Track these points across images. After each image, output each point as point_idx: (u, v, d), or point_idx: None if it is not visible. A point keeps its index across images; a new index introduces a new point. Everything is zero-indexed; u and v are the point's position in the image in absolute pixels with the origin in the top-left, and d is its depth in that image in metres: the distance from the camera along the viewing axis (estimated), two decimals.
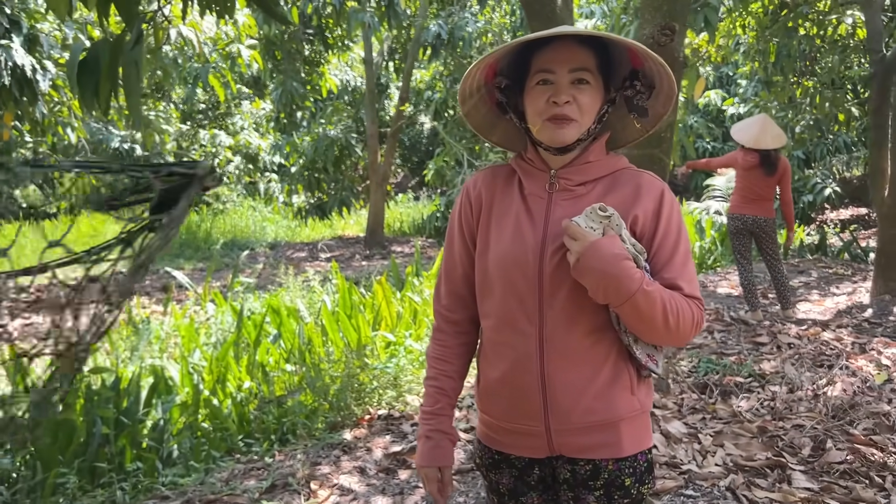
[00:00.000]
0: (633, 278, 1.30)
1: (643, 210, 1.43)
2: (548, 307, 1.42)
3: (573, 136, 1.43)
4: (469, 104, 1.59)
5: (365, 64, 11.67)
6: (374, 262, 10.45)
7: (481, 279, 1.53)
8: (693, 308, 1.39)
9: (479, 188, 1.58)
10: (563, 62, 1.41)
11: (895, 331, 5.40)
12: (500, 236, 1.50)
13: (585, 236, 1.32)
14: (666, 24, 1.86)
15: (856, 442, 3.37)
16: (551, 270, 1.41)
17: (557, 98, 1.41)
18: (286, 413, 4.06)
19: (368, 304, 5.59)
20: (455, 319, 1.62)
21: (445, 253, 1.65)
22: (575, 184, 1.47)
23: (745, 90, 13.88)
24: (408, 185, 22.92)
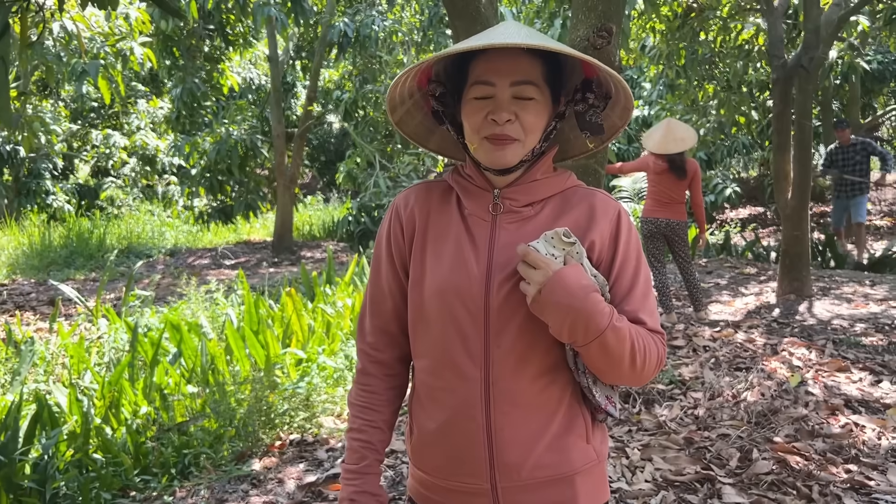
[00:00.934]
0: (603, 313, 1.13)
1: (599, 234, 1.26)
2: (494, 346, 1.23)
3: (515, 157, 1.25)
4: (400, 112, 1.39)
5: (270, 62, 11.20)
6: (283, 268, 10.04)
7: (415, 313, 1.32)
8: (658, 345, 1.24)
9: (412, 207, 1.36)
10: (503, 73, 1.22)
11: (802, 330, 5.53)
12: (438, 263, 1.29)
13: (548, 265, 1.14)
14: (602, 25, 1.71)
15: (779, 450, 3.35)
16: (499, 303, 1.22)
17: (497, 116, 1.22)
18: (188, 442, 3.72)
19: (277, 318, 5.26)
20: (383, 360, 1.40)
21: (371, 282, 1.42)
22: (521, 204, 1.29)
23: (649, 93, 14.22)
24: (317, 187, 22.40)
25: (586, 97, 1.27)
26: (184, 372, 4.63)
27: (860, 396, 4.10)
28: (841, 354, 4.88)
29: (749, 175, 16.12)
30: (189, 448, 3.65)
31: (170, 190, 14.94)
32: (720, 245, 10.13)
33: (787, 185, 6.62)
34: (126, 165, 15.34)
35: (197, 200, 12.79)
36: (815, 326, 5.63)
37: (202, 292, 6.34)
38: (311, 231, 14.97)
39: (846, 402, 4.00)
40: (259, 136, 11.28)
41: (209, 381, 4.32)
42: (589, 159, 2.05)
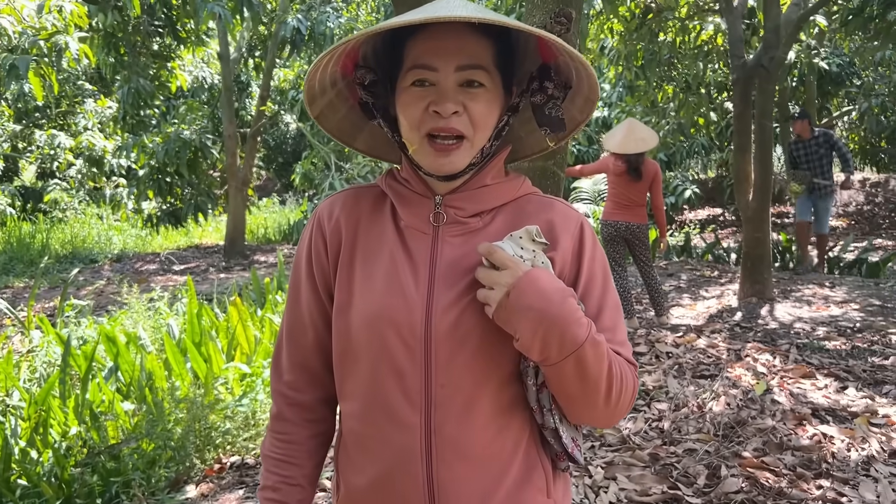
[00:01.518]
0: (580, 322, 0.93)
1: (561, 251, 1.06)
2: (437, 385, 1.01)
3: (463, 162, 1.03)
4: (321, 103, 1.14)
5: (220, 60, 10.84)
6: (235, 273, 9.68)
7: (341, 346, 1.08)
8: (633, 377, 1.04)
9: (337, 217, 1.13)
10: (448, 55, 1.00)
11: (765, 335, 5.44)
12: (369, 286, 1.06)
13: (517, 264, 0.94)
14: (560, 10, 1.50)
15: (748, 466, 3.20)
16: (443, 333, 1.00)
17: (440, 107, 0.99)
18: (119, 467, 3.42)
19: (222, 329, 4.96)
20: (303, 402, 1.16)
21: (288, 309, 1.18)
22: (468, 214, 1.07)
23: (609, 95, 14.18)
24: (274, 188, 21.96)
25: (545, 86, 1.06)
26: (122, 388, 4.32)
27: (827, 405, 3.99)
28: (805, 360, 4.78)
29: (708, 176, 16.21)
30: (119, 474, 3.35)
31: (118, 192, 14.40)
32: (680, 247, 10.08)
33: (747, 187, 6.55)
34: (72, 167, 14.74)
35: (146, 203, 12.32)
36: (778, 330, 5.54)
37: (144, 300, 6.00)
38: (265, 234, 14.58)
39: (813, 412, 3.88)
40: (209, 137, 10.89)
41: (146, 398, 4.02)
42: (547, 160, 1.85)
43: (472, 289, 0.99)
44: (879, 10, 6.59)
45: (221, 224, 13.87)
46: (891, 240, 11.92)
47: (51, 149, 14.45)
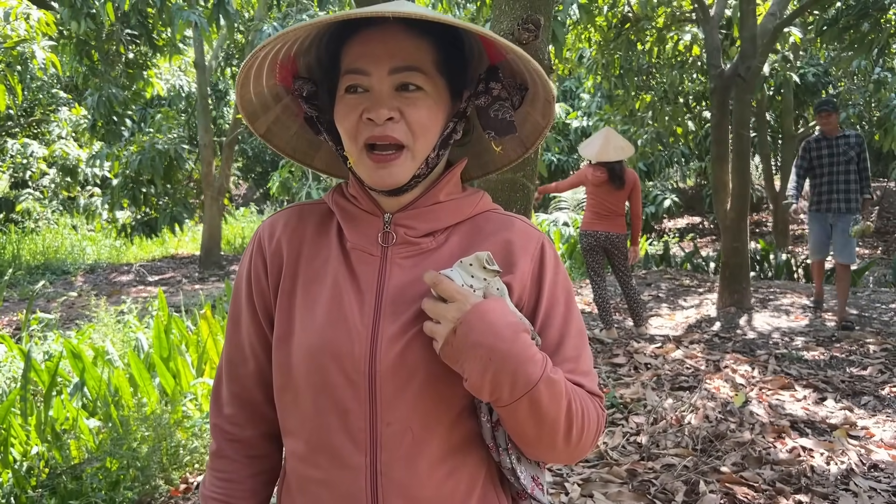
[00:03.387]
0: (535, 360, 0.85)
1: (519, 276, 0.97)
2: (384, 423, 0.92)
3: (404, 174, 0.94)
4: (267, 119, 1.06)
5: (196, 68, 10.71)
6: (210, 284, 9.53)
7: (282, 380, 0.99)
8: (598, 410, 0.95)
9: (279, 238, 1.04)
10: (380, 58, 0.92)
11: (744, 345, 5.41)
12: (310, 315, 0.97)
13: (466, 296, 0.85)
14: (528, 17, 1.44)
15: (727, 482, 3.14)
16: (389, 366, 0.91)
17: (373, 113, 0.91)
18: (81, 488, 3.30)
19: (192, 342, 4.84)
20: (244, 438, 1.07)
21: (228, 337, 1.09)
22: (419, 234, 0.99)
23: (588, 104, 14.20)
24: (253, 198, 21.78)
25: (490, 88, 0.98)
26: (88, 404, 4.20)
27: (806, 417, 3.95)
28: (784, 370, 4.75)
29: (687, 185, 16.29)
30: (80, 496, 3.23)
31: (93, 202, 14.16)
32: (659, 256, 10.07)
33: (726, 196, 6.54)
34: (45, 176, 14.49)
35: (120, 213, 12.13)
36: (757, 340, 5.51)
37: (114, 313, 5.86)
38: (242, 244, 14.42)
39: (792, 424, 3.84)
40: (185, 146, 10.74)
41: (112, 415, 3.90)
42: (516, 172, 1.78)
43: (420, 319, 0.91)
44: (853, 21, 6.63)
45: (198, 234, 13.69)
46: (867, 248, 12.02)
47: (23, 158, 14.19)
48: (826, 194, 5.96)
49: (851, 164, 5.88)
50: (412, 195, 1.00)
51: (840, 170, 5.90)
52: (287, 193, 12.40)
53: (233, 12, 7.36)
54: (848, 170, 5.88)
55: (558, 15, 5.97)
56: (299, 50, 1.01)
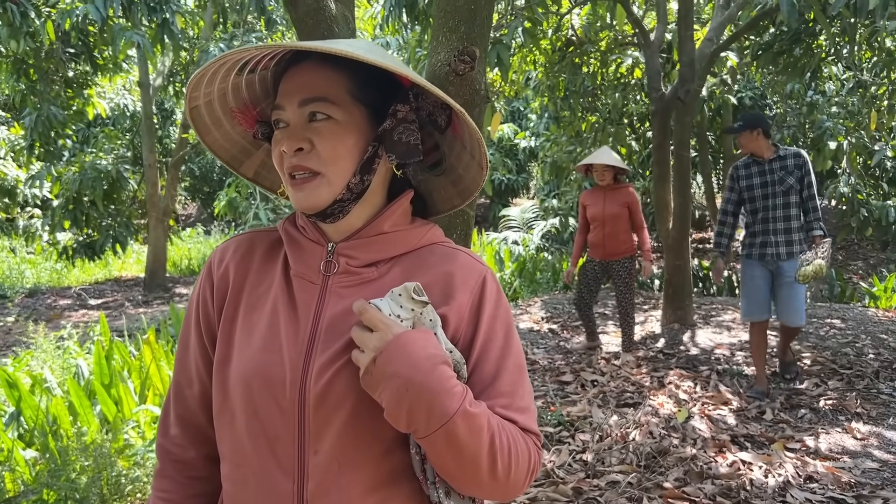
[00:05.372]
0: (452, 393, 0.85)
1: (456, 308, 0.98)
2: (312, 451, 0.93)
3: (321, 197, 0.97)
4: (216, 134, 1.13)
5: (141, 87, 10.54)
6: (154, 308, 9.32)
7: (219, 404, 1.01)
8: (530, 447, 0.96)
9: (227, 264, 1.06)
10: (292, 92, 0.97)
11: (687, 361, 5.54)
12: (248, 340, 0.99)
13: (389, 326, 0.87)
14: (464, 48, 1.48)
15: (669, 497, 3.21)
16: (318, 394, 0.92)
17: (283, 146, 0.96)
18: None
19: (135, 368, 4.74)
20: (187, 459, 1.09)
21: (177, 360, 1.11)
22: (361, 264, 1.01)
23: (535, 124, 14.42)
24: (201, 218, 21.44)
25: (396, 110, 1.00)
26: (25, 435, 4.06)
27: (745, 431, 4.06)
28: (725, 385, 4.87)
29: None
30: None
31: (33, 224, 13.74)
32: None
33: (667, 216, 6.71)
34: None
35: (61, 235, 11.80)
36: (700, 356, 5.65)
37: (53, 339, 5.69)
38: (189, 265, 14.14)
39: (732, 438, 3.94)
40: (128, 166, 10.53)
41: (49, 445, 3.78)
42: None
43: (350, 348, 0.92)
44: (786, 46, 6.90)
45: (142, 256, 13.39)
46: None
47: None
48: (761, 235, 4.53)
49: (792, 193, 4.43)
50: (351, 224, 1.02)
51: (777, 202, 4.46)
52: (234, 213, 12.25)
53: (177, 32, 7.29)
54: (787, 202, 4.43)
55: (504, 38, 6.08)
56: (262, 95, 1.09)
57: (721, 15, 6.75)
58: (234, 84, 1.06)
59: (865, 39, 6.78)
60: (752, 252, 4.60)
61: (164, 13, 6.95)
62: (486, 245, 11.26)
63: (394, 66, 0.91)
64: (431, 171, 1.14)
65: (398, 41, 10.72)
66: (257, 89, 1.10)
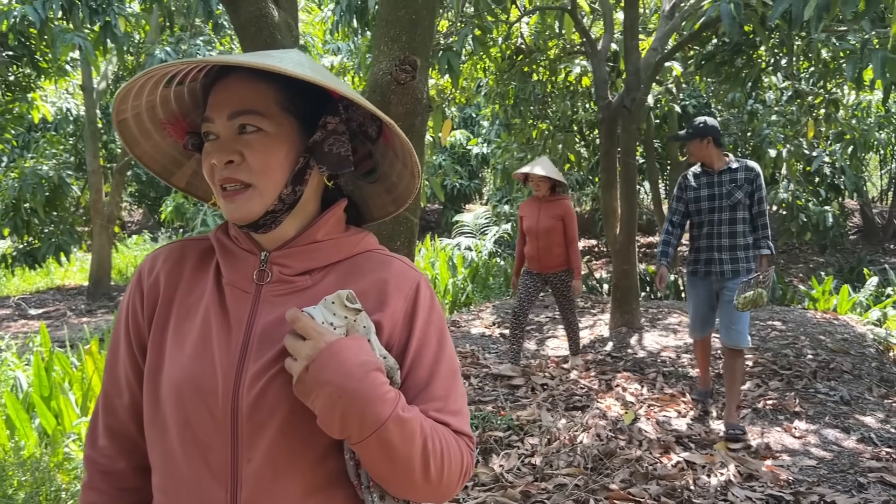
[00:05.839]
0: (384, 399, 0.87)
1: (390, 315, 1.00)
2: (245, 459, 0.93)
3: (253, 208, 0.98)
4: (145, 145, 1.13)
5: (84, 91, 10.29)
6: (98, 317, 9.09)
7: (150, 414, 1.01)
8: (463, 449, 0.98)
9: (157, 273, 1.06)
10: (221, 105, 0.98)
11: (634, 363, 5.64)
12: (179, 349, 0.99)
13: (322, 334, 0.88)
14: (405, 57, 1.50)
15: (615, 498, 3.27)
16: (251, 402, 0.93)
17: (213, 158, 0.97)
18: None
19: (76, 379, 4.62)
20: (117, 471, 1.08)
21: (106, 370, 1.09)
22: (294, 272, 1.02)
23: (487, 131, 14.52)
24: (147, 225, 20.99)
25: (326, 122, 1.01)
26: None
27: (690, 432, 4.16)
28: (671, 387, 4.98)
29: (583, 209, 16.87)
30: None
31: None
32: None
33: (615, 221, 6.83)
34: None
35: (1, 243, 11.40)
36: (646, 359, 5.76)
37: None
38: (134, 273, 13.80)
39: (677, 439, 4.03)
40: (70, 172, 10.25)
41: None
42: None
43: (283, 357, 0.93)
44: (728, 57, 7.10)
45: (86, 264, 13.04)
46: None
47: None
48: (706, 251, 4.30)
49: (739, 208, 4.20)
50: (283, 234, 1.03)
51: (723, 217, 4.22)
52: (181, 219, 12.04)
53: (121, 35, 7.14)
54: (734, 217, 4.20)
55: (454, 45, 6.12)
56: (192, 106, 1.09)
57: (666, 25, 6.91)
58: (163, 96, 1.06)
59: (802, 50, 7.02)
60: (696, 269, 4.37)
61: (106, 15, 6.79)
62: (440, 251, 11.29)
63: (321, 80, 0.91)
64: (365, 178, 1.15)
65: (349, 46, 10.68)
66: (187, 100, 1.09)
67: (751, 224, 4.26)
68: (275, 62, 0.90)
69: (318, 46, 11.19)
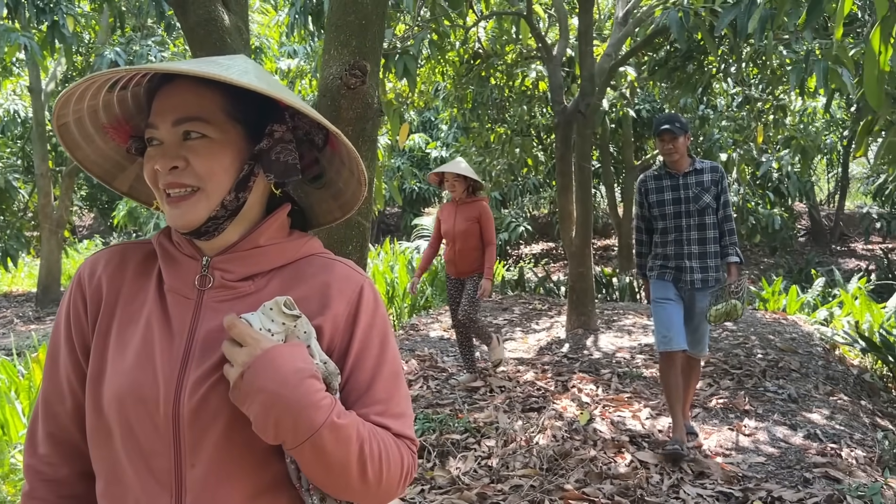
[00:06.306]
0: (318, 406, 0.87)
1: (332, 319, 1.00)
2: (189, 465, 0.94)
3: (198, 214, 0.97)
4: (87, 150, 1.10)
5: (32, 93, 10.03)
6: (46, 324, 8.86)
7: (93, 420, 0.99)
8: (403, 452, 0.99)
9: (99, 277, 1.05)
10: (165, 111, 0.97)
11: (590, 364, 5.71)
12: (121, 356, 0.98)
13: (257, 341, 0.87)
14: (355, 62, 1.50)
15: (570, 498, 3.30)
16: (192, 409, 0.93)
17: (157, 164, 0.96)
18: None
19: (23, 388, 4.50)
20: (59, 478, 1.06)
21: (46, 375, 1.07)
22: (236, 278, 1.01)
23: (446, 134, 14.57)
24: (99, 230, 20.54)
25: (272, 130, 1.01)
26: None
27: (643, 431, 4.22)
28: (625, 388, 5.06)
29: (540, 212, 17.03)
30: None
31: None
32: (515, 281, 10.45)
33: (571, 224, 6.91)
34: None
35: None
36: (602, 360, 5.83)
37: None
38: None
39: (631, 439, 4.09)
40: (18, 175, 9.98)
41: None
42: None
43: (224, 363, 0.93)
44: (680, 63, 7.26)
45: (35, 269, 12.71)
46: None
47: None
48: (674, 260, 3.92)
49: (708, 212, 3.87)
50: (226, 240, 1.02)
51: (692, 223, 3.88)
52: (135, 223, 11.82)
53: (69, 35, 6.98)
54: (703, 222, 3.87)
55: (411, 49, 6.13)
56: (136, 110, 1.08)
57: (619, 31, 7.03)
58: (106, 101, 1.05)
59: (751, 57, 7.20)
60: (665, 272, 3.94)
61: (54, 15, 6.64)
62: (399, 254, 11.28)
63: (265, 89, 0.91)
64: (312, 184, 1.16)
65: (306, 49, 10.61)
66: (130, 105, 1.08)
67: (716, 229, 3.91)
68: (220, 70, 0.89)
69: (275, 49, 11.08)
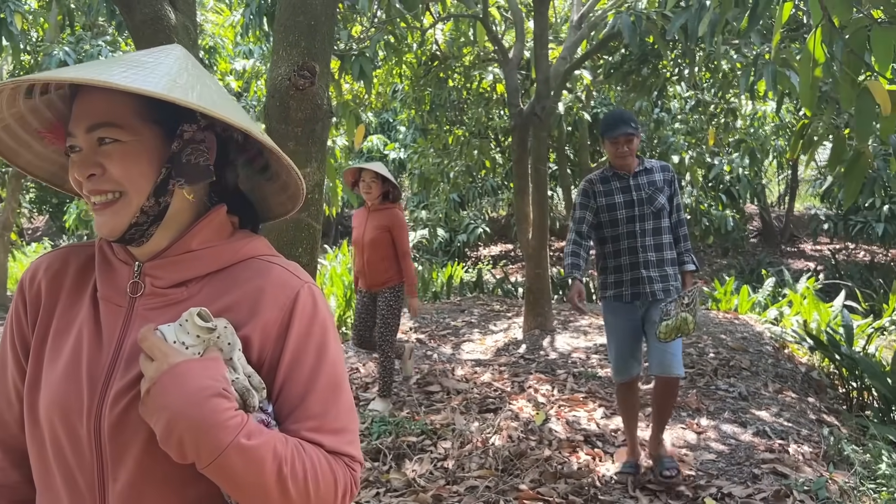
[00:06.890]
0: (223, 426, 0.82)
1: (262, 326, 0.96)
2: (111, 479, 0.91)
3: (120, 221, 0.94)
4: (27, 156, 1.09)
5: None
6: None
7: (30, 429, 0.98)
8: (337, 471, 0.94)
9: (39, 282, 1.02)
10: (79, 119, 0.94)
11: (546, 365, 5.76)
12: (53, 366, 0.97)
13: (166, 355, 0.84)
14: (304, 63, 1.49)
15: (525, 498, 3.33)
16: (114, 421, 0.91)
17: (76, 172, 0.94)
18: None
19: None
20: (9, 483, 1.05)
21: None
22: (167, 284, 0.98)
23: (404, 136, 14.56)
24: (49, 232, 20.04)
25: (183, 132, 0.97)
26: None
27: (597, 430, 4.28)
28: (580, 388, 5.11)
29: (499, 214, 17.13)
30: None
31: None
32: (473, 282, 10.49)
33: (528, 226, 6.96)
34: None
35: None
36: (558, 361, 5.89)
37: None
38: None
39: (586, 438, 4.14)
40: None
41: None
42: (301, 212, 1.81)
43: None
44: (635, 66, 7.38)
45: None
46: None
47: None
48: (630, 270, 3.55)
49: (664, 214, 3.57)
50: (157, 245, 0.99)
51: (647, 227, 3.54)
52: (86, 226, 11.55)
53: (17, 33, 6.79)
54: (659, 226, 3.56)
55: (367, 51, 6.11)
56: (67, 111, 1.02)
57: (574, 35, 7.11)
58: (31, 107, 1.01)
59: (704, 61, 7.35)
60: (621, 293, 3.55)
61: (1, 12, 6.46)
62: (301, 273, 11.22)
63: (158, 92, 0.85)
64: (261, 176, 1.12)
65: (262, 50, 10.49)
66: (61, 106, 1.05)
67: (671, 234, 3.63)
68: (109, 77, 0.84)
69: (229, 49, 10.93)
